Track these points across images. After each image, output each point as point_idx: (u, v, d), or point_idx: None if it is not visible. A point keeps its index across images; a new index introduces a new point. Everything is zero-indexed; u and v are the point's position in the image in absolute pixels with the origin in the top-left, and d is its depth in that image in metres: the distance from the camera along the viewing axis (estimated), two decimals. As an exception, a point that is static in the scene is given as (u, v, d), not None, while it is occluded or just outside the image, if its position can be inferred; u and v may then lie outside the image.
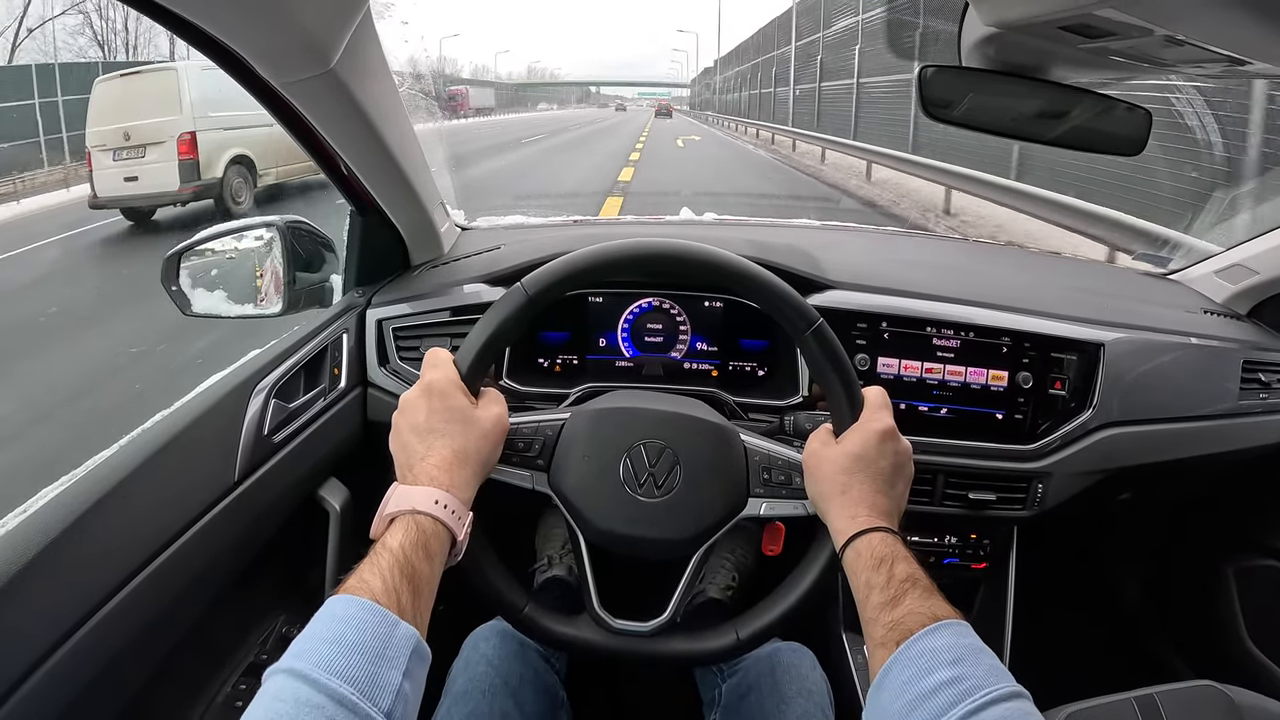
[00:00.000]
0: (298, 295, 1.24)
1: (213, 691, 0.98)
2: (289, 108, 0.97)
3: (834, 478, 0.79)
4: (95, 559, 0.74)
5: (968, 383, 1.17)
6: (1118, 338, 1.19)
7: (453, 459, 0.74)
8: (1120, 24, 0.65)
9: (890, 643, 0.64)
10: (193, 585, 0.85)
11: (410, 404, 0.78)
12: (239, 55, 0.85)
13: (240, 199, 8.90)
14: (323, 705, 0.52)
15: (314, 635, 0.57)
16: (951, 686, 0.58)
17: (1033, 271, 1.54)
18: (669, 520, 0.86)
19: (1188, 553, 1.62)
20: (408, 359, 1.20)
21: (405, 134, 1.14)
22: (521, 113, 63.30)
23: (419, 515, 0.68)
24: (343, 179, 1.17)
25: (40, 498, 0.78)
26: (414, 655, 0.59)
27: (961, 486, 1.16)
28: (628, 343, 1.25)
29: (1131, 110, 0.94)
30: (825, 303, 1.16)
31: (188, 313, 1.20)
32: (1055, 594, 1.70)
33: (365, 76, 0.97)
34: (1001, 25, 0.79)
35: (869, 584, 0.70)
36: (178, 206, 8.72)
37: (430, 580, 0.67)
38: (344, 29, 0.88)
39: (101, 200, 8.66)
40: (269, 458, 0.99)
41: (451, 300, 1.21)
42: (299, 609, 1.12)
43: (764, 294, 0.86)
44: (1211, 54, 0.69)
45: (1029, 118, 0.96)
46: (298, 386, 1.08)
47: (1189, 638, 1.60)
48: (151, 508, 0.82)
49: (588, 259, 0.86)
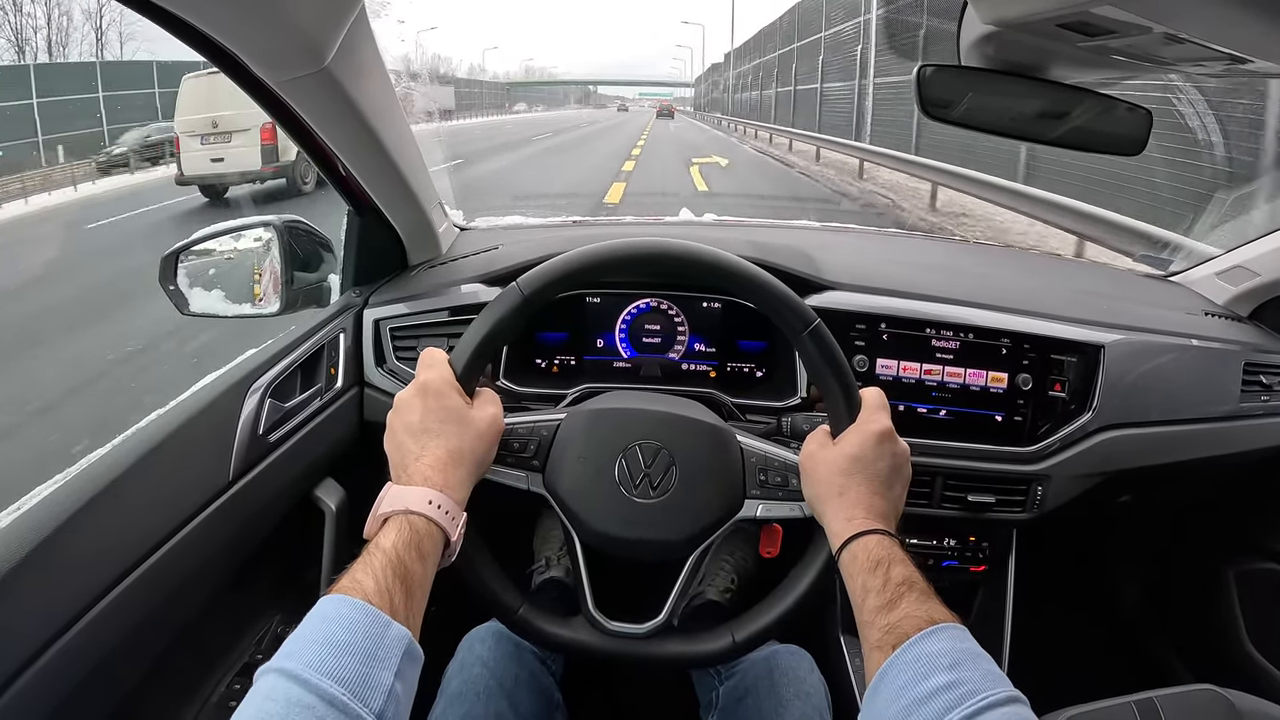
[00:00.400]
0: (295, 295, 1.23)
1: (207, 691, 0.98)
2: (285, 106, 0.97)
3: (831, 479, 0.79)
4: (88, 557, 0.74)
5: (967, 384, 1.16)
6: (1118, 339, 1.18)
7: (447, 459, 0.74)
8: (1119, 21, 0.65)
9: (887, 646, 0.64)
10: (187, 584, 0.85)
11: (405, 404, 0.78)
12: (233, 53, 0.85)
13: (306, 180, 10.62)
14: (313, 705, 0.52)
15: (306, 635, 0.57)
16: (948, 691, 0.57)
17: (1033, 273, 1.53)
18: (664, 522, 0.86)
19: (1188, 556, 1.61)
20: (405, 359, 1.19)
21: (402, 133, 1.13)
22: (493, 116, 57.66)
23: (412, 515, 0.68)
24: (340, 178, 1.17)
25: (34, 495, 0.78)
26: (406, 656, 0.59)
27: (960, 489, 1.16)
28: (625, 343, 1.25)
29: (1132, 110, 0.94)
30: (824, 304, 1.16)
31: (185, 312, 1.19)
32: (1054, 597, 1.69)
33: (360, 75, 0.97)
34: (1000, 23, 0.79)
35: (865, 587, 0.70)
36: (257, 184, 10.87)
37: (423, 581, 0.66)
38: (338, 27, 0.87)
39: (187, 178, 10.90)
40: (264, 457, 0.99)
41: (449, 300, 1.21)
42: (294, 609, 1.12)
43: (760, 294, 0.86)
44: (1211, 52, 0.68)
45: (1029, 117, 0.95)
46: (294, 386, 1.08)
47: (1189, 641, 1.59)
48: (145, 506, 0.81)
49: (583, 259, 0.86)
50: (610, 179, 11.88)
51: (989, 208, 8.13)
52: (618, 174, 11.98)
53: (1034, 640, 1.27)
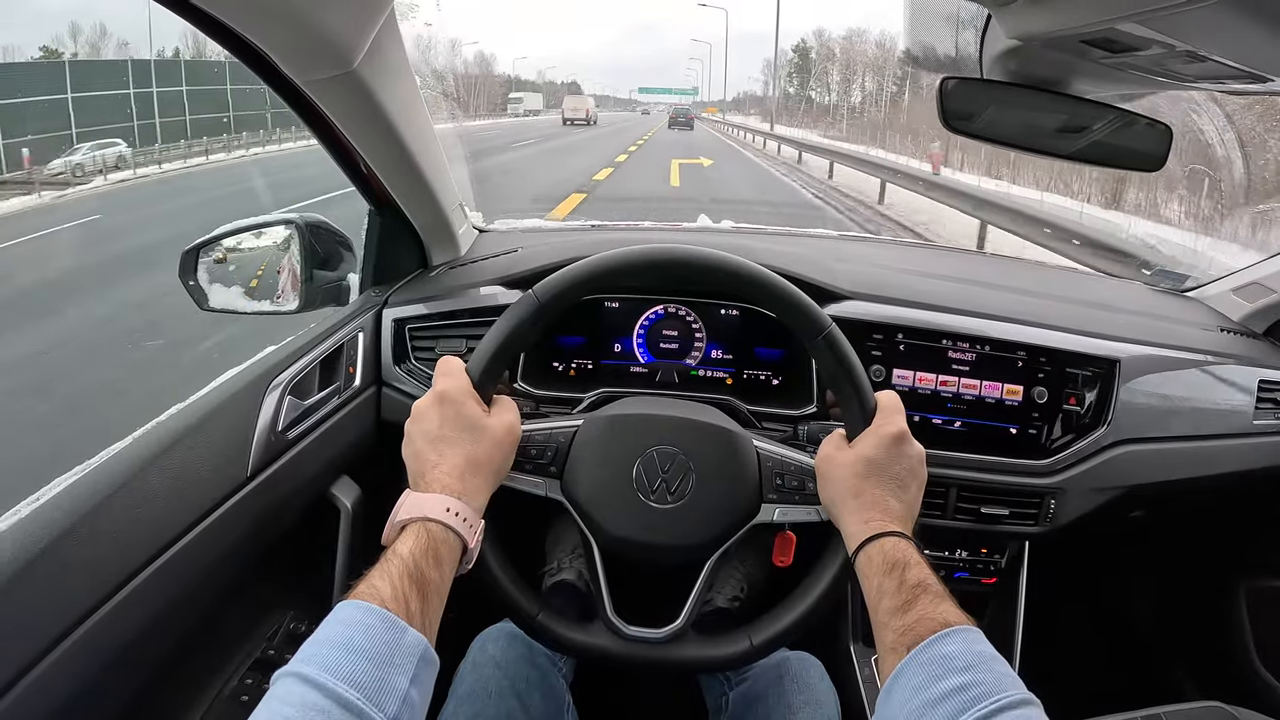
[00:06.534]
0: (315, 293, 1.24)
1: (219, 685, 0.98)
2: (310, 105, 0.98)
3: (847, 482, 0.79)
4: (106, 550, 0.75)
5: (983, 396, 1.16)
6: (1134, 354, 1.18)
7: (465, 466, 0.75)
8: (1142, 39, 0.65)
9: (901, 648, 0.64)
10: (202, 579, 0.86)
11: (422, 412, 0.79)
12: (262, 52, 0.86)
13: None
14: (328, 710, 0.52)
15: (322, 640, 0.58)
16: (962, 693, 0.58)
17: (1050, 286, 1.53)
18: (682, 526, 0.86)
19: (1200, 572, 1.61)
20: (423, 359, 1.20)
21: (426, 135, 1.14)
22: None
23: (430, 523, 0.69)
24: (362, 177, 1.18)
25: (53, 487, 0.79)
26: (421, 661, 0.59)
27: (974, 501, 1.15)
28: (643, 349, 1.25)
29: (1152, 125, 0.93)
30: (840, 313, 1.16)
31: (205, 307, 1.21)
32: (1065, 610, 1.69)
33: (387, 77, 0.98)
34: (1024, 38, 0.79)
35: (880, 589, 0.70)
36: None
37: (440, 587, 0.67)
38: (367, 30, 0.88)
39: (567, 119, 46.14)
40: (282, 454, 0.99)
41: (468, 302, 1.21)
42: (307, 606, 1.12)
43: (775, 300, 0.86)
44: (1232, 70, 0.69)
45: (1049, 131, 0.95)
46: (312, 384, 1.08)
47: (1198, 657, 1.58)
48: (163, 500, 0.82)
49: (598, 266, 0.86)
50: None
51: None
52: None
53: (1044, 653, 1.26)
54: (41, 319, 6.33)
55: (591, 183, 13.32)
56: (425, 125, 1.14)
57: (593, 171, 15.31)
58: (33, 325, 6.13)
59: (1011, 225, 7.48)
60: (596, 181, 13.67)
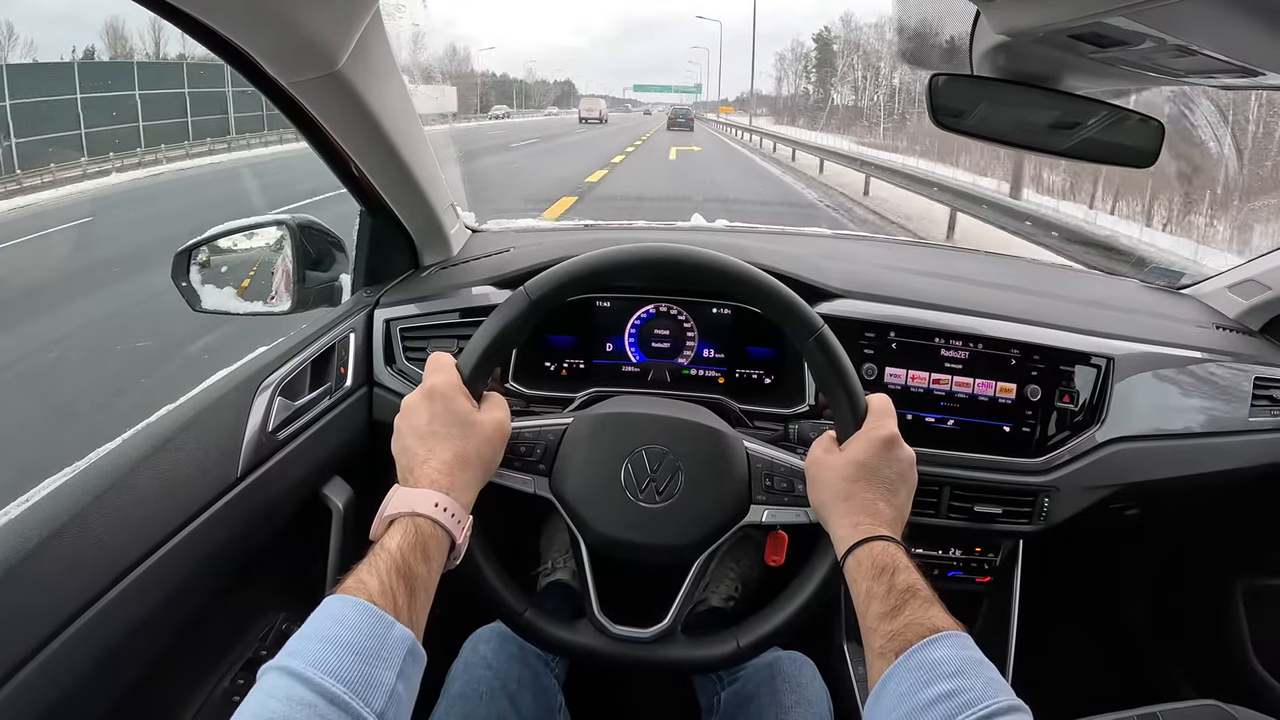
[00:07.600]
0: (307, 293, 1.24)
1: (210, 686, 0.98)
2: (298, 106, 0.98)
3: (836, 485, 0.78)
4: (95, 550, 0.74)
5: (976, 394, 1.16)
6: (1128, 352, 1.18)
7: (454, 462, 0.75)
8: (1131, 33, 0.65)
9: (890, 653, 0.64)
10: (193, 580, 0.85)
11: (412, 407, 0.79)
12: (247, 53, 0.86)
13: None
14: (314, 704, 0.52)
15: (309, 634, 0.58)
16: (950, 699, 0.57)
17: (1043, 283, 1.53)
18: (670, 526, 0.86)
19: (1195, 570, 1.60)
20: (414, 359, 1.20)
21: (415, 135, 1.14)
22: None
23: (418, 518, 0.68)
24: (352, 179, 1.18)
25: (43, 487, 0.78)
26: (409, 656, 0.59)
27: (967, 499, 1.15)
28: (634, 348, 1.25)
29: (1144, 121, 0.93)
30: (833, 311, 1.16)
31: (197, 309, 1.20)
32: (1060, 609, 1.68)
33: (373, 77, 0.98)
34: (1012, 34, 0.79)
35: (869, 593, 0.70)
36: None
37: (427, 582, 0.67)
38: (352, 30, 0.88)
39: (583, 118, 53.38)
40: (273, 455, 0.99)
41: (460, 302, 1.21)
42: (299, 606, 1.12)
43: (767, 300, 0.86)
44: (1223, 64, 0.68)
45: (1040, 128, 0.95)
46: (303, 384, 1.08)
47: (1194, 656, 1.58)
48: (153, 501, 0.81)
49: (590, 264, 0.86)
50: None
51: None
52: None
53: (1038, 652, 1.26)
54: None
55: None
56: (414, 125, 1.13)
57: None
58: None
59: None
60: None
